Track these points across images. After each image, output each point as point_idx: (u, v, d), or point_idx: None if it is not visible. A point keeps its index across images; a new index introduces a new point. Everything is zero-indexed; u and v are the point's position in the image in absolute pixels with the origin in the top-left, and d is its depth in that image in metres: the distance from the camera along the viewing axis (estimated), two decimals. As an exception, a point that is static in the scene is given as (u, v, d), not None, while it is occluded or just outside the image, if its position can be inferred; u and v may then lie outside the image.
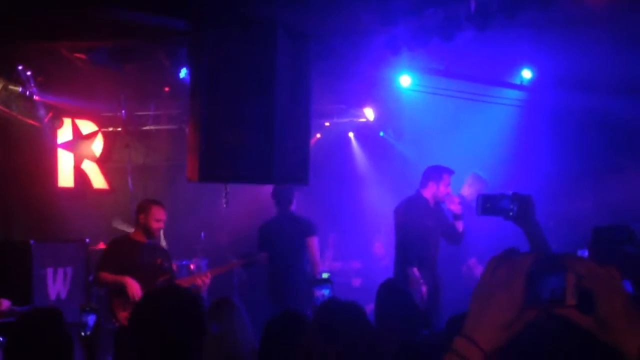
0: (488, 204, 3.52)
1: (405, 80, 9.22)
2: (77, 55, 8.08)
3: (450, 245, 7.71)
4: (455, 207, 7.52)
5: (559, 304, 1.47)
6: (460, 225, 7.54)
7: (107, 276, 6.82)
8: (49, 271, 7.81)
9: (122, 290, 6.68)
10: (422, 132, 9.99)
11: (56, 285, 7.87)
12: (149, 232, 7.03)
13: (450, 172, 7.66)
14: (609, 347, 1.44)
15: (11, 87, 8.39)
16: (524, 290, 1.47)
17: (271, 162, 5.68)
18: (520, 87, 9.08)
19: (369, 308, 4.72)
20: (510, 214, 3.47)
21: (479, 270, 7.45)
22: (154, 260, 7.02)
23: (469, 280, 7.86)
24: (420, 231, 7.39)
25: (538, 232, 3.55)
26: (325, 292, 4.48)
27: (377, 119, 10.56)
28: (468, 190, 8.54)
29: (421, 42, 7.88)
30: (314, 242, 7.96)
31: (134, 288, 6.67)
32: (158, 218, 7.05)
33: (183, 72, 8.55)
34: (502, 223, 3.56)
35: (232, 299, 5.15)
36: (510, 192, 3.52)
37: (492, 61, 8.74)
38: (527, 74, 8.99)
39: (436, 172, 7.63)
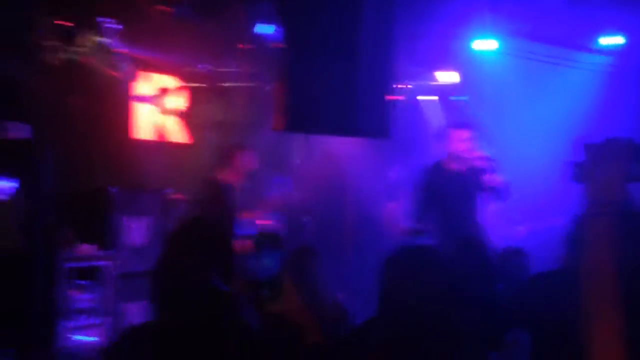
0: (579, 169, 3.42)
1: (486, 44, 9.09)
2: (162, 8, 8.17)
3: None
4: (480, 163, 7.10)
5: None
6: (494, 179, 7.06)
7: None
8: (129, 219, 7.97)
9: None
10: (503, 97, 9.84)
11: (136, 233, 8.02)
12: (243, 175, 7.37)
13: (460, 125, 7.32)
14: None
15: (95, 38, 8.49)
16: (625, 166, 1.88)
17: (354, 115, 5.72)
18: (607, 52, 8.86)
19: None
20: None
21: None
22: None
23: None
24: (447, 194, 7.16)
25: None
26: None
27: (458, 83, 10.44)
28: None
29: (506, 3, 7.78)
30: None
31: None
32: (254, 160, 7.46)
33: (265, 29, 8.57)
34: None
35: (312, 247, 5.17)
36: None
37: (580, 25, 8.56)
38: (615, 39, 8.78)
39: (443, 131, 7.43)
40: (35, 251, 6.95)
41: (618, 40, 8.71)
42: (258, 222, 7.49)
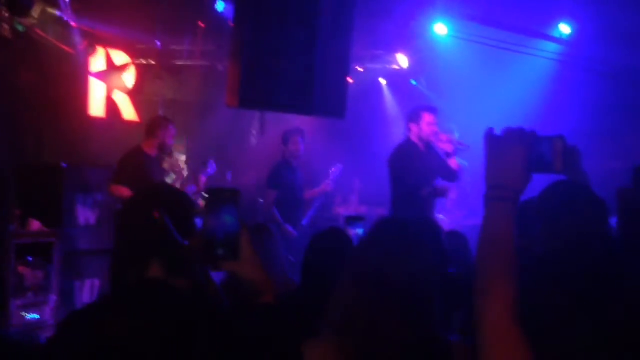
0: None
1: (441, 29, 9.13)
2: (117, -19, 8.08)
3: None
4: (444, 145, 7.30)
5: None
6: (453, 163, 7.33)
7: (122, 190, 7.24)
8: (79, 196, 7.85)
9: None
10: (456, 82, 9.91)
11: (85, 210, 7.91)
12: (163, 147, 7.59)
13: (429, 109, 7.42)
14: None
15: (49, 10, 8.36)
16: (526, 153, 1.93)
17: (309, 93, 5.69)
18: (558, 40, 8.97)
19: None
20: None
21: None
22: (162, 176, 7.73)
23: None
24: (412, 175, 7.24)
25: (585, 183, 3.56)
26: (360, 231, 4.43)
27: (410, 67, 10.49)
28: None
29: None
30: None
31: None
32: (174, 134, 7.65)
33: (220, 6, 8.51)
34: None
35: (270, 226, 5.19)
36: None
37: (532, 12, 8.64)
38: (566, 28, 8.89)
39: (414, 113, 7.42)
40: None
41: (568, 29, 8.83)
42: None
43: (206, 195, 2.25)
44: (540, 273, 2.19)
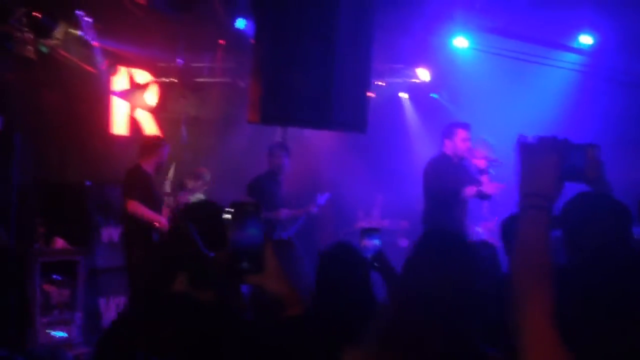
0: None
1: (461, 42, 9.13)
2: (137, 1, 8.13)
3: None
4: (478, 161, 7.38)
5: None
6: (485, 180, 7.31)
7: (141, 207, 7.26)
8: (102, 214, 7.92)
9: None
10: (477, 94, 9.89)
11: (108, 228, 7.98)
12: (160, 166, 7.78)
13: (463, 126, 7.56)
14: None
15: (71, 31, 8.45)
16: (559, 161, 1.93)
17: (329, 108, 5.68)
18: (579, 51, 8.94)
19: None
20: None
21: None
22: (161, 192, 7.94)
23: None
24: (445, 190, 7.31)
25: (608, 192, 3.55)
26: (377, 242, 4.42)
27: (431, 80, 10.49)
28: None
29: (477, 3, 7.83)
30: None
31: (162, 223, 7.24)
32: (165, 154, 7.80)
33: (240, 23, 8.56)
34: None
35: (291, 239, 5.20)
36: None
37: (553, 24, 8.62)
38: (587, 39, 8.86)
39: (448, 129, 7.57)
40: (8, 245, 6.89)
41: (590, 40, 8.79)
42: None
43: (229, 210, 2.26)
44: (565, 285, 2.18)
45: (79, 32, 8.57)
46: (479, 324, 2.39)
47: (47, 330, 7.08)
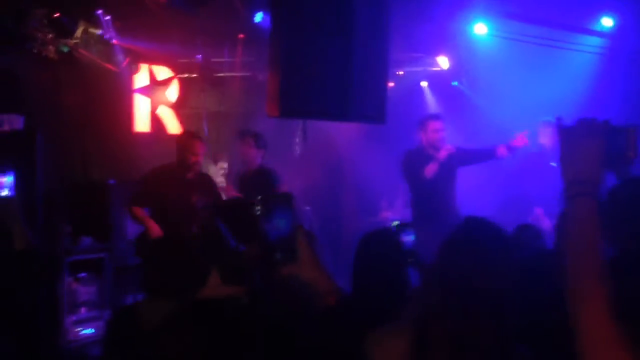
0: None
1: (480, 28, 9.07)
2: (155, -1, 8.18)
3: (515, 195, 7.80)
4: (439, 154, 7.60)
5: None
6: (429, 169, 7.56)
7: (137, 211, 7.04)
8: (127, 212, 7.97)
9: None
10: (497, 82, 9.83)
11: (133, 225, 8.03)
12: (186, 166, 7.13)
13: (434, 117, 7.98)
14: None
15: (91, 30, 8.51)
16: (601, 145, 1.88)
17: (348, 99, 5.69)
18: (600, 33, 8.85)
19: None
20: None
21: (545, 222, 7.36)
22: (187, 199, 7.03)
23: None
24: (417, 179, 7.71)
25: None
26: (412, 237, 4.40)
27: (451, 68, 10.45)
28: (544, 139, 8.42)
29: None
30: None
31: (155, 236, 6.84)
32: (195, 151, 7.14)
33: (258, 17, 8.57)
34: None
35: (310, 230, 5.21)
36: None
37: (572, 7, 8.54)
38: (607, 21, 8.77)
39: (420, 122, 7.94)
40: (35, 247, 6.95)
41: (610, 22, 8.71)
42: None
43: (260, 202, 2.27)
44: (616, 275, 2.14)
45: (98, 31, 8.63)
46: (516, 316, 2.36)
47: (75, 329, 7.16)
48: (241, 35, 9.67)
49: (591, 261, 1.82)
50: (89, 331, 7.29)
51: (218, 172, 9.37)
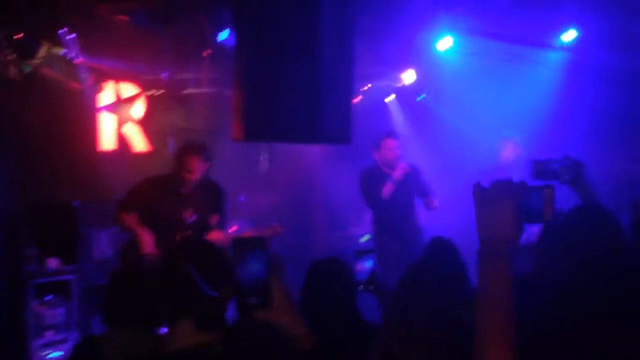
0: (540, 167, 3.54)
1: (445, 43, 9.13)
2: (119, 17, 8.14)
3: None
4: (395, 172, 7.73)
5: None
6: (386, 189, 7.67)
7: (127, 218, 6.50)
8: (93, 231, 7.93)
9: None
10: (463, 96, 9.92)
11: (100, 244, 7.98)
12: (181, 180, 6.78)
13: (390, 135, 8.01)
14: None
15: (54, 50, 8.43)
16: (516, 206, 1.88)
17: (314, 121, 5.67)
18: (564, 48, 8.95)
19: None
20: (565, 177, 3.49)
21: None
22: (179, 213, 6.73)
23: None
24: (375, 199, 7.79)
25: (592, 195, 3.56)
26: (370, 263, 4.39)
27: (416, 82, 10.50)
28: (506, 154, 8.54)
29: (463, 3, 7.86)
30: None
31: (147, 246, 6.38)
32: (189, 169, 6.76)
33: (223, 35, 8.55)
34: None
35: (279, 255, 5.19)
36: (561, 156, 3.54)
37: (536, 22, 8.63)
38: (570, 35, 8.86)
39: (375, 139, 8.03)
40: (-1, 268, 6.89)
41: (573, 35, 8.79)
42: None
43: (232, 245, 2.25)
44: (563, 299, 2.17)
45: (62, 50, 8.56)
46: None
47: (42, 353, 7.09)
48: (207, 52, 9.64)
49: (499, 318, 1.85)
50: (56, 354, 7.22)
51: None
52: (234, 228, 7.50)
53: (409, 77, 10.40)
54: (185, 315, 2.50)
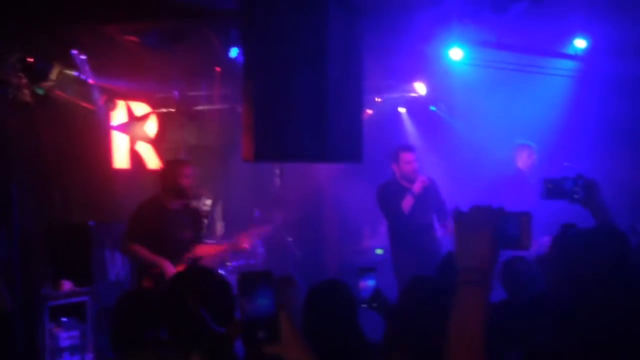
0: (551, 185, 3.52)
1: (456, 54, 9.12)
2: (129, 37, 8.19)
3: None
4: (414, 186, 7.67)
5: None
6: (406, 203, 7.63)
7: (140, 250, 6.65)
8: (108, 252, 7.96)
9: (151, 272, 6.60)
10: (474, 106, 9.91)
11: (115, 265, 8.02)
12: (180, 192, 6.90)
13: (405, 148, 7.98)
14: None
15: (66, 71, 8.50)
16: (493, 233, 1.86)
17: (324, 140, 5.66)
18: (573, 57, 8.92)
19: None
20: (576, 196, 3.46)
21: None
22: (180, 233, 6.84)
23: None
24: (395, 213, 7.75)
25: (604, 214, 3.53)
26: (372, 282, 4.38)
27: (428, 93, 10.50)
28: (520, 162, 8.52)
29: (472, 15, 7.85)
30: None
31: (168, 269, 6.54)
32: (186, 174, 6.91)
33: (234, 52, 8.58)
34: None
35: (293, 276, 5.22)
36: (574, 174, 3.51)
37: (545, 32, 8.61)
38: (580, 43, 8.83)
39: (393, 153, 7.99)
40: (15, 291, 6.91)
41: (583, 44, 8.77)
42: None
43: (240, 280, 2.26)
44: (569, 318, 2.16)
45: (74, 72, 8.62)
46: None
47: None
48: (218, 69, 9.68)
49: (471, 346, 1.83)
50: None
51: (201, 209, 9.33)
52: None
53: (420, 88, 10.40)
54: (194, 350, 2.52)
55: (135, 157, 10.01)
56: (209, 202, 9.11)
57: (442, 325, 2.30)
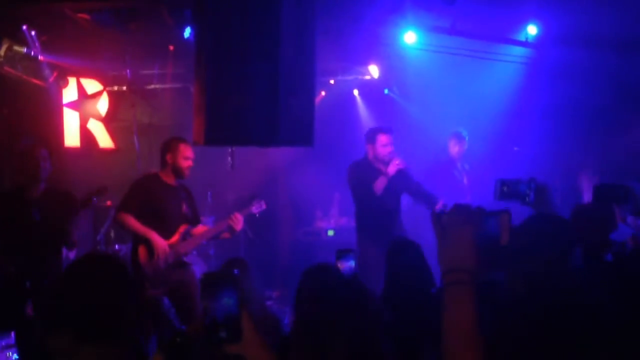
0: (505, 188, 3.58)
1: (410, 38, 9.16)
2: (81, 15, 8.08)
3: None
4: (388, 168, 7.48)
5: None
6: (379, 184, 7.48)
7: (132, 221, 6.57)
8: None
9: (146, 241, 6.55)
10: (427, 89, 9.98)
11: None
12: (178, 172, 6.85)
13: (384, 130, 7.75)
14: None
15: (16, 47, 8.37)
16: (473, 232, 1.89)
17: (276, 124, 5.67)
18: (525, 44, 9.02)
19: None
20: (527, 199, 3.53)
21: None
22: (179, 208, 6.85)
23: None
24: (366, 194, 7.58)
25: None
26: (352, 263, 4.40)
27: (382, 76, 10.54)
28: (453, 149, 8.68)
29: (425, 1, 7.90)
30: None
31: (160, 247, 6.53)
32: (186, 156, 6.88)
33: (187, 32, 8.52)
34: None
35: (243, 258, 5.23)
36: (527, 178, 3.58)
37: (497, 18, 8.68)
38: (532, 30, 8.93)
39: (370, 134, 7.78)
40: None
41: (534, 31, 8.86)
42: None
43: (203, 280, 2.27)
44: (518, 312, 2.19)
45: (24, 48, 8.49)
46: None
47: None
48: (171, 47, 9.61)
49: (467, 345, 1.85)
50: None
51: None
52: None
53: (374, 71, 10.44)
54: (158, 346, 2.52)
55: (86, 135, 9.91)
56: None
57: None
